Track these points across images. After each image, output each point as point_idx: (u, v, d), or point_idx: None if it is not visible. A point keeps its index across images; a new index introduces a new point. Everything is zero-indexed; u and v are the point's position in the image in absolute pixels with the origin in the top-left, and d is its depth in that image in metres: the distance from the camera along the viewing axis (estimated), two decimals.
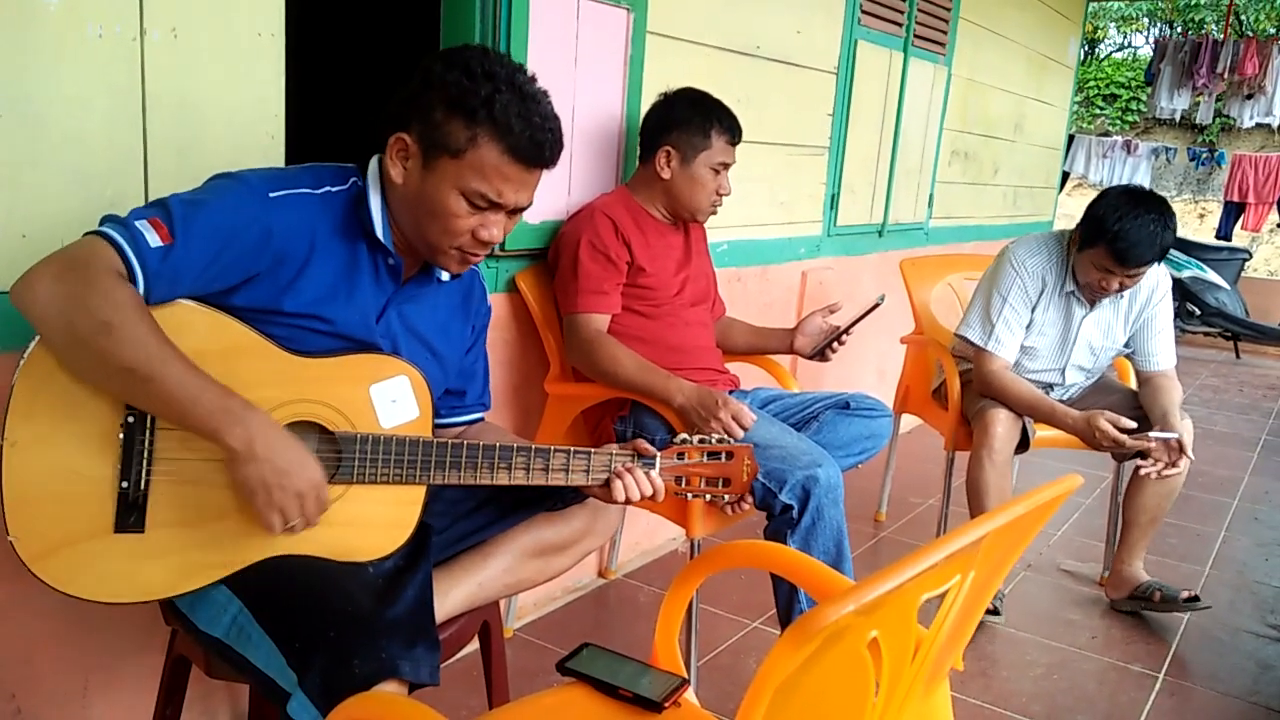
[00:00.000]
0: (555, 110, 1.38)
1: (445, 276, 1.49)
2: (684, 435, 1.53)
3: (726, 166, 2.23)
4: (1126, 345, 2.72)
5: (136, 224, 1.20)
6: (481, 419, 1.66)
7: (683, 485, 1.50)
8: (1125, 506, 2.66)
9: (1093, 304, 2.64)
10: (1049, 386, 2.75)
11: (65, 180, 1.44)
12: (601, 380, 2.12)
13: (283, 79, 1.69)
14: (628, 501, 1.45)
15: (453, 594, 1.45)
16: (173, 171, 1.55)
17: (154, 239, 1.20)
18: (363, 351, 1.36)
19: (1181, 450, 2.42)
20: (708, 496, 1.53)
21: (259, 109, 1.67)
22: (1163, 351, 2.68)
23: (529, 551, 1.52)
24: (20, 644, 1.53)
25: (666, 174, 2.21)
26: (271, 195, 1.31)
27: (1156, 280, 2.66)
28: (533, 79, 1.36)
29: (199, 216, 1.24)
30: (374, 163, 1.43)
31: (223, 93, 1.61)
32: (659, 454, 1.48)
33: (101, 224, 1.21)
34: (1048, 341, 2.69)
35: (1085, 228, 2.49)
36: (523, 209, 1.41)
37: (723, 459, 1.50)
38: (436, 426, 1.53)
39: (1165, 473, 2.45)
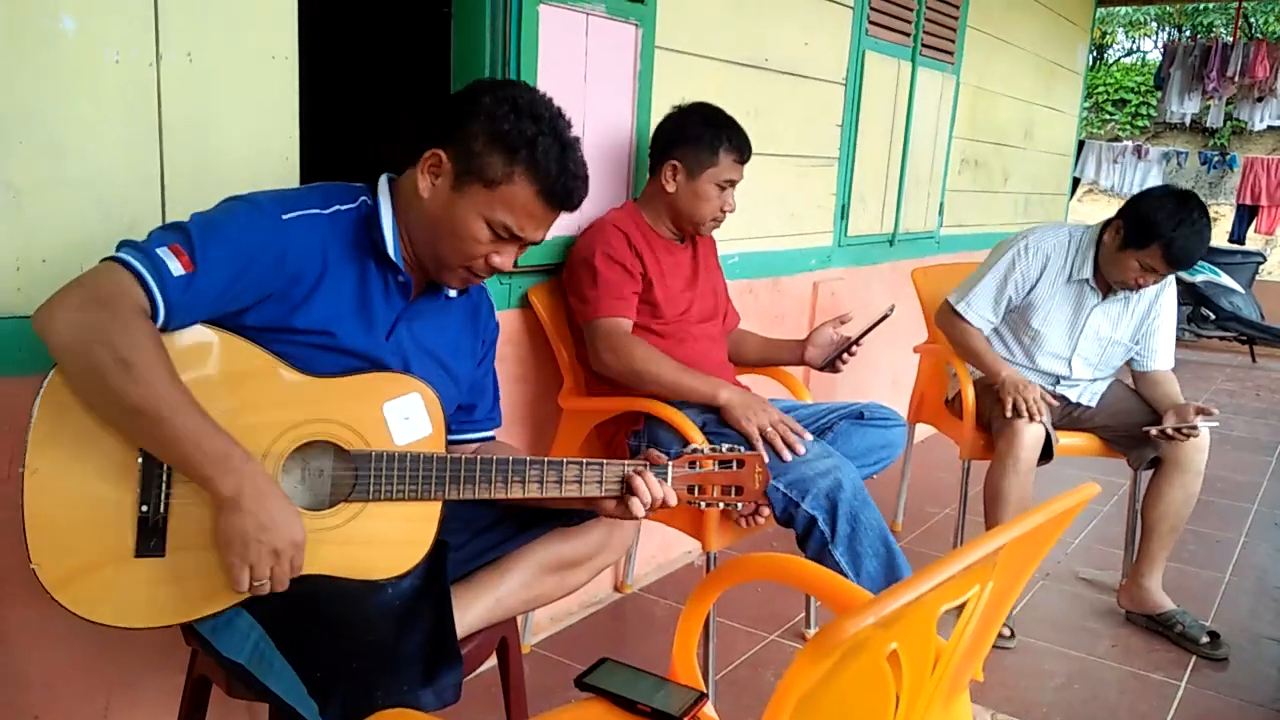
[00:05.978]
0: (585, 157, 1.44)
1: (453, 293, 1.51)
2: (695, 445, 1.53)
3: (733, 184, 2.22)
4: (1134, 342, 2.74)
5: (158, 252, 1.20)
6: (493, 437, 1.67)
7: (695, 494, 1.51)
8: (1145, 513, 2.64)
9: (1106, 295, 2.66)
10: (1057, 378, 2.77)
11: (84, 204, 1.46)
12: (636, 381, 2.08)
13: (296, 100, 1.71)
14: (643, 514, 1.44)
15: (471, 610, 1.45)
16: (189, 193, 1.57)
17: (176, 267, 1.20)
18: (374, 369, 1.37)
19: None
20: (721, 505, 1.53)
21: (273, 130, 1.68)
22: (1164, 349, 2.73)
23: (546, 567, 1.53)
24: (43, 665, 1.54)
25: (671, 187, 2.21)
26: (284, 217, 1.32)
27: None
28: (569, 124, 1.42)
29: (218, 242, 1.25)
30: (384, 181, 1.44)
31: (237, 115, 1.62)
32: (670, 463, 1.49)
33: (121, 249, 1.21)
34: (1055, 329, 2.72)
35: (1135, 228, 2.49)
36: (536, 244, 1.47)
37: (734, 467, 1.50)
38: (448, 443, 1.54)
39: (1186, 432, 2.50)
